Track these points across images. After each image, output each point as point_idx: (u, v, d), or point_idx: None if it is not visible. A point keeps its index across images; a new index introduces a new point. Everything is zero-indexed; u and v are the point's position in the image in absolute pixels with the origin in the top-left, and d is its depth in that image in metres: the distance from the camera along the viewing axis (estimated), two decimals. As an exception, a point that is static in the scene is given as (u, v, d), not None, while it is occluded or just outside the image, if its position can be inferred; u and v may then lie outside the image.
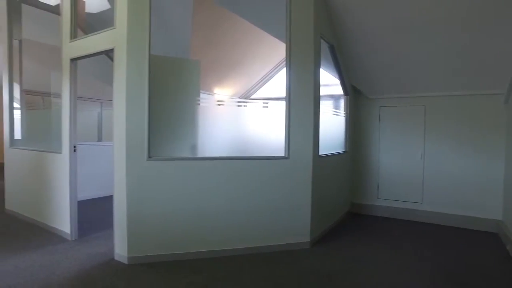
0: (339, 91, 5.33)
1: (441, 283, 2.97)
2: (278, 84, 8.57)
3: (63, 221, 3.94)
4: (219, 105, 4.12)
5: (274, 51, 7.56)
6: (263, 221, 3.62)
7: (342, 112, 5.19)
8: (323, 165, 4.12)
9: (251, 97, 8.92)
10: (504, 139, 4.43)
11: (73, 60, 3.80)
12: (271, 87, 8.79)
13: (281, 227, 3.70)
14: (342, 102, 5.48)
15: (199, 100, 3.75)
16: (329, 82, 5.91)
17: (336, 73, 4.95)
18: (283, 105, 3.68)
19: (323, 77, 4.18)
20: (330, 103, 6.91)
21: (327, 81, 5.45)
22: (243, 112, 3.93)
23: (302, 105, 3.72)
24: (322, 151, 4.04)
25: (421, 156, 4.97)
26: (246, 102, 4.20)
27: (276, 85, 8.65)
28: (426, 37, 3.93)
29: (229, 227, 3.51)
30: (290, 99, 3.66)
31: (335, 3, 4.00)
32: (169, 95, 3.57)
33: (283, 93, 3.71)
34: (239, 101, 4.28)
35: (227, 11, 4.84)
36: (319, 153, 3.96)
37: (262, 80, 8.82)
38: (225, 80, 8.13)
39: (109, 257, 3.38)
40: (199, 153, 3.73)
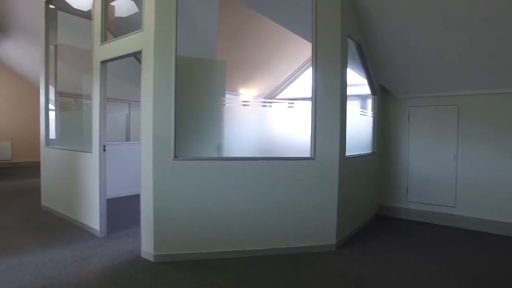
0: (367, 90, 5.19)
1: (477, 292, 2.82)
2: (304, 84, 8.48)
3: (93, 218, 4.07)
4: (244, 105, 4.11)
5: (300, 51, 7.50)
6: (288, 222, 3.58)
7: (369, 112, 5.05)
8: (350, 166, 4.02)
9: (277, 97, 8.88)
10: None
11: (103, 62, 3.93)
12: (297, 87, 8.71)
13: (307, 229, 3.64)
14: (369, 102, 5.34)
15: (225, 100, 3.76)
16: (356, 81, 5.76)
17: (363, 72, 4.82)
18: (309, 105, 3.62)
19: (350, 76, 4.08)
20: (357, 103, 6.74)
21: (354, 81, 5.32)
22: (268, 112, 3.90)
23: (328, 105, 3.64)
24: (348, 152, 3.94)
25: (454, 157, 4.74)
26: (271, 102, 4.17)
27: (302, 85, 8.56)
28: (460, 31, 3.73)
29: (254, 227, 3.49)
30: (316, 99, 3.59)
31: (362, 0, 3.89)
32: (195, 96, 3.61)
33: (309, 93, 3.66)
34: (264, 101, 4.27)
35: (253, 11, 4.85)
36: (346, 154, 3.87)
37: (287, 80, 8.76)
38: (251, 80, 8.15)
39: (136, 254, 3.46)
40: (224, 153, 3.75)
